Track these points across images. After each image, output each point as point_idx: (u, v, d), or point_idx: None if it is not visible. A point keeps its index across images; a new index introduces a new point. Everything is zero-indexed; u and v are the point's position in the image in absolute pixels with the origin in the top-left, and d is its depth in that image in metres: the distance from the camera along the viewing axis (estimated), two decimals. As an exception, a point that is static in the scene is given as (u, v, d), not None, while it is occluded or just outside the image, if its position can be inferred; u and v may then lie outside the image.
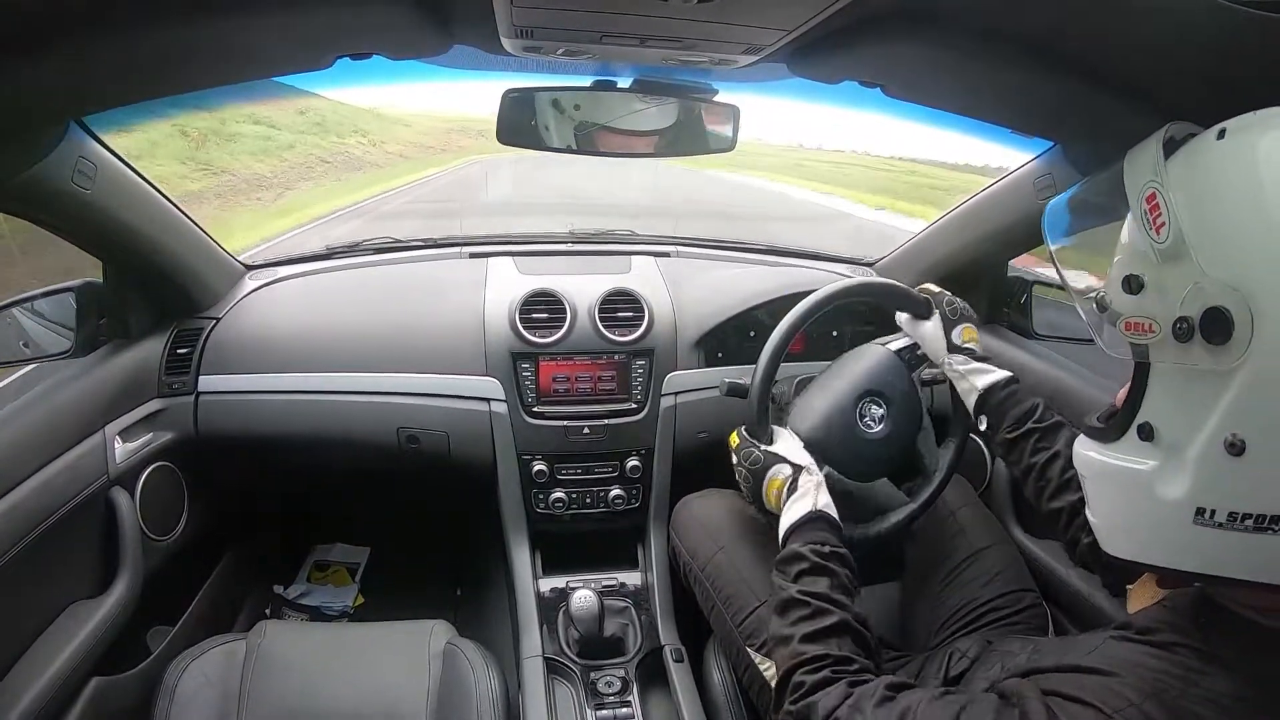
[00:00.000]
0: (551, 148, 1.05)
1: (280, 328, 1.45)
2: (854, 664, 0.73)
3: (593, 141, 1.05)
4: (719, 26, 0.74)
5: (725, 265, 1.71)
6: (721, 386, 1.22)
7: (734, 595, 1.14)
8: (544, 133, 1.04)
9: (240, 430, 1.40)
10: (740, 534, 1.21)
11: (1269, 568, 0.48)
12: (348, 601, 1.81)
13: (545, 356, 1.42)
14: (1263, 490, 0.47)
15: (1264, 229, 0.45)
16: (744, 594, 1.13)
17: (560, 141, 1.04)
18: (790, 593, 0.82)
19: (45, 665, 1.00)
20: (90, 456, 1.14)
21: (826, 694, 0.70)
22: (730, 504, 1.31)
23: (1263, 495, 0.47)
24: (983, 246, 1.43)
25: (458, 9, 0.79)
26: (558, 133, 1.04)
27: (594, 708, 1.21)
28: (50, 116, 0.90)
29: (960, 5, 0.72)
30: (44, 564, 1.03)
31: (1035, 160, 1.22)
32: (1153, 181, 0.51)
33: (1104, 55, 0.73)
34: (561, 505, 1.46)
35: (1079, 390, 1.25)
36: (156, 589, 1.26)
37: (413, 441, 1.42)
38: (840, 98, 0.98)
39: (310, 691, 1.08)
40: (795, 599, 0.81)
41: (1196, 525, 0.50)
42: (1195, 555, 0.51)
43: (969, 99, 0.95)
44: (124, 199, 1.11)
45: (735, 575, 1.16)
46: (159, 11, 0.67)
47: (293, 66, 0.89)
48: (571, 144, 1.05)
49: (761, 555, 1.16)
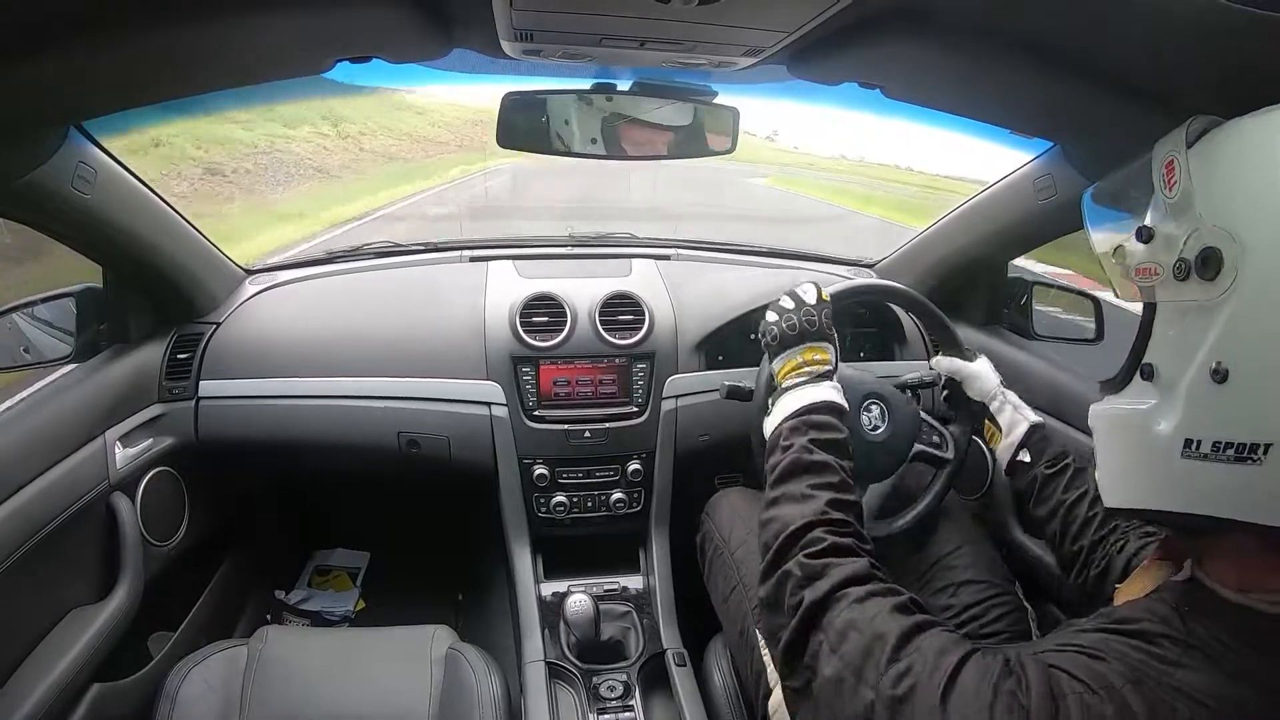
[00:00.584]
0: (568, 151, 1.06)
1: (281, 332, 1.45)
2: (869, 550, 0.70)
3: (616, 142, 1.05)
4: (719, 29, 0.74)
5: (725, 268, 1.71)
6: (722, 389, 1.23)
7: (752, 578, 1.13)
8: (558, 136, 1.04)
9: (241, 435, 1.40)
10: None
11: (1248, 502, 0.50)
12: (349, 606, 1.80)
13: (546, 360, 1.42)
14: (1244, 418, 0.50)
15: (1254, 179, 0.51)
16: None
17: (581, 144, 1.05)
18: (816, 456, 0.78)
19: (46, 671, 1.00)
20: (91, 462, 1.14)
21: (850, 562, 0.66)
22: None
23: (1244, 423, 0.50)
24: (982, 247, 1.43)
25: (457, 12, 0.79)
26: (580, 133, 1.04)
27: (596, 712, 1.21)
28: (50, 121, 0.90)
29: (959, 6, 0.72)
30: (45, 570, 1.03)
31: (1035, 161, 1.23)
32: (1173, 151, 0.56)
33: (1104, 56, 0.73)
34: (563, 509, 1.45)
35: (1079, 391, 1.25)
36: (157, 594, 1.26)
37: (413, 446, 1.42)
38: (840, 99, 0.98)
39: (312, 697, 1.08)
40: (822, 463, 0.77)
41: (1184, 459, 0.53)
42: (1183, 492, 0.54)
43: (968, 100, 0.95)
44: (124, 204, 1.11)
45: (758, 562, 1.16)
46: (159, 16, 0.67)
47: (292, 70, 0.89)
48: (592, 147, 1.05)
49: None
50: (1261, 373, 0.49)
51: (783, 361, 0.93)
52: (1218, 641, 0.51)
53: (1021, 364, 1.38)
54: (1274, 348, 0.48)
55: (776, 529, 0.74)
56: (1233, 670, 0.50)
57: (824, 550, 0.69)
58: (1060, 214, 1.21)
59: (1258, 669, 0.50)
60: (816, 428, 0.82)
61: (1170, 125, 0.75)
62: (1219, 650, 0.51)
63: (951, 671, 0.55)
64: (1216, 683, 0.50)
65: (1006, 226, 1.35)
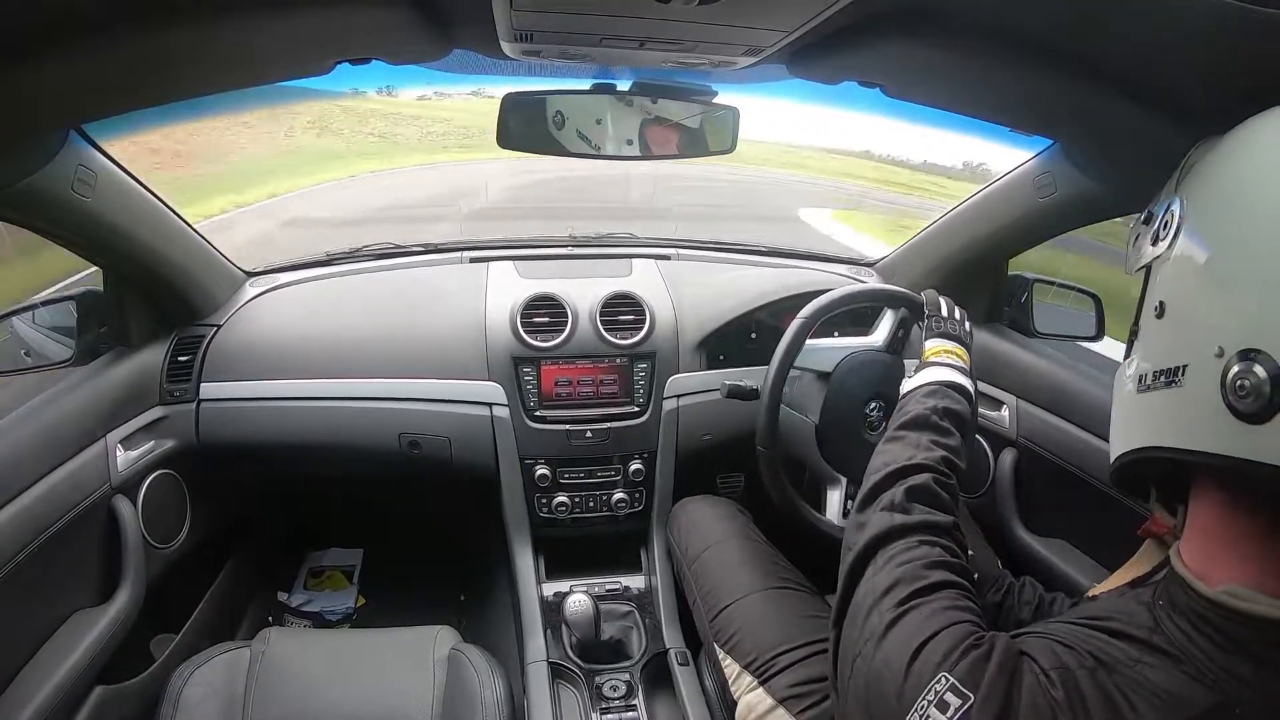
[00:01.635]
0: (568, 152, 1.06)
1: (281, 334, 1.45)
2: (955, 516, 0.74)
3: (619, 142, 1.06)
4: (719, 28, 0.74)
5: (726, 267, 1.71)
6: (723, 389, 1.23)
7: (711, 591, 1.17)
8: (555, 136, 1.04)
9: (242, 437, 1.40)
10: (729, 536, 1.24)
11: (1176, 427, 0.55)
12: (349, 603, 1.81)
13: (547, 360, 1.42)
14: (1171, 343, 0.56)
15: (1210, 157, 0.58)
16: (719, 591, 1.15)
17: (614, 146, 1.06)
18: (944, 421, 0.84)
19: (49, 674, 1.00)
20: (92, 465, 1.14)
21: (937, 515, 0.70)
22: (726, 508, 1.33)
23: (1170, 348, 0.56)
24: (983, 245, 1.43)
25: (457, 13, 0.79)
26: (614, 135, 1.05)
27: (599, 712, 1.21)
28: (50, 124, 0.90)
29: (959, 4, 0.72)
30: (47, 573, 1.03)
31: (1035, 159, 1.22)
32: (1185, 162, 0.62)
33: (1104, 53, 0.73)
34: (564, 509, 1.45)
35: (1080, 388, 1.25)
36: (159, 597, 1.26)
37: (414, 447, 1.42)
38: (840, 98, 0.98)
39: (315, 699, 1.08)
40: (946, 428, 0.83)
41: (1139, 395, 0.59)
42: (1138, 428, 0.59)
43: (968, 98, 0.95)
44: (124, 207, 1.11)
45: (716, 573, 1.18)
46: (158, 18, 0.67)
47: (292, 71, 0.89)
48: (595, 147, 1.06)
49: (744, 558, 1.19)
50: (1185, 301, 0.55)
51: (936, 345, 1.00)
52: (1185, 639, 0.51)
53: (1023, 361, 1.38)
54: (1197, 280, 0.54)
55: (886, 459, 0.79)
56: (1193, 670, 0.50)
57: (921, 493, 0.73)
58: (1060, 211, 1.21)
59: (1217, 668, 0.50)
60: (950, 399, 0.89)
61: (1170, 122, 0.75)
62: (1184, 648, 0.51)
63: (935, 631, 0.58)
64: (1175, 682, 0.50)
65: (1006, 224, 1.35)
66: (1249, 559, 0.52)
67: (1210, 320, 0.52)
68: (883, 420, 1.16)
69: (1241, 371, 0.48)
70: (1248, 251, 0.51)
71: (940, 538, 0.68)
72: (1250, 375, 0.48)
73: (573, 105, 1.04)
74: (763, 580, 1.14)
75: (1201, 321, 0.53)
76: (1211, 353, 0.51)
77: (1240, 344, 0.49)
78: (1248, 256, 0.51)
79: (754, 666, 1.04)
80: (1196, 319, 0.54)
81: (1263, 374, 0.47)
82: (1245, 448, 0.49)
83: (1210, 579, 0.52)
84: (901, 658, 0.58)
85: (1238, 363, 0.49)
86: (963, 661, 0.55)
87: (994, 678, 0.53)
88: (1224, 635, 0.50)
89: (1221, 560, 0.53)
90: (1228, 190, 0.55)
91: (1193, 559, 0.55)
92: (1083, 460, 1.20)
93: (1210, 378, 0.51)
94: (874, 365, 1.19)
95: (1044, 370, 1.34)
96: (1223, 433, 0.50)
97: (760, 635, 1.06)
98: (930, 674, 0.55)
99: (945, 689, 0.54)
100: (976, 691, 0.53)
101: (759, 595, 1.12)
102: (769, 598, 1.12)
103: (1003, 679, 0.53)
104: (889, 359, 1.21)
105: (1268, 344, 0.47)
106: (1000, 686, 0.53)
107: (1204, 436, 0.52)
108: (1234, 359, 0.49)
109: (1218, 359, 0.50)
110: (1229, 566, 0.52)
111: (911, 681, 0.56)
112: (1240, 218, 0.53)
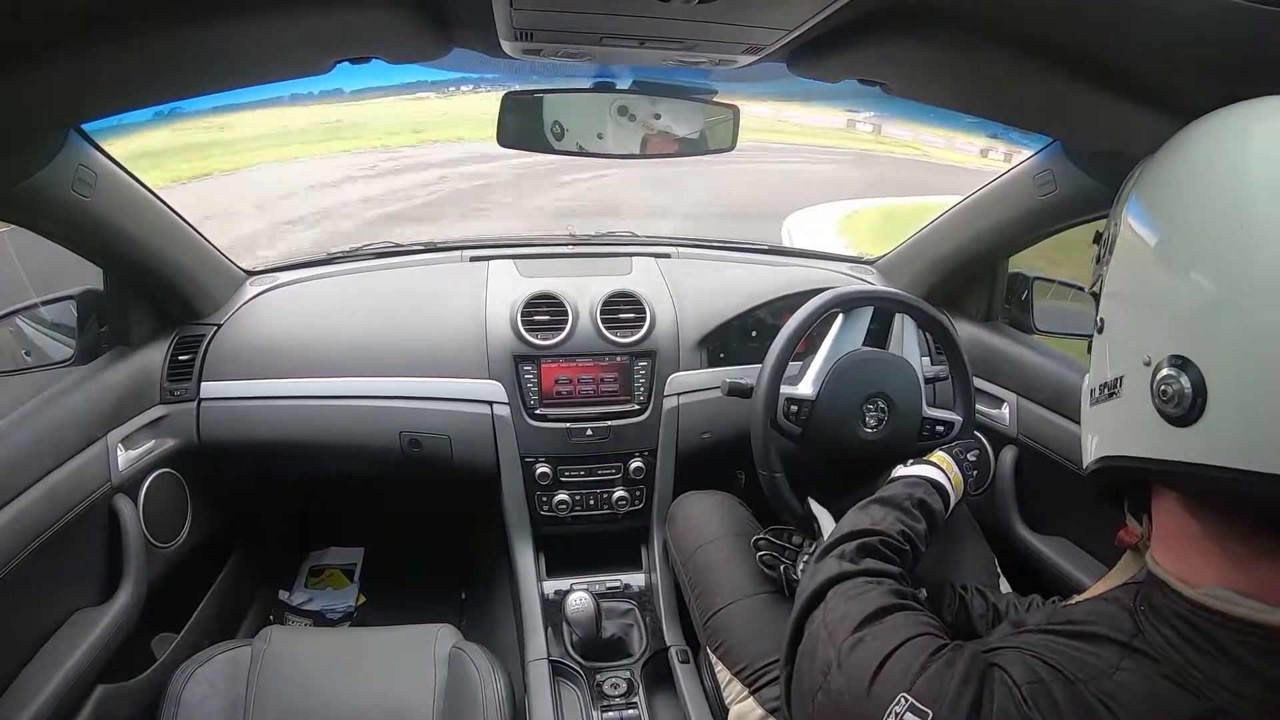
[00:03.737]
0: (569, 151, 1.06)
1: (281, 333, 1.45)
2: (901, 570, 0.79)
3: (621, 142, 1.05)
4: (720, 27, 0.74)
5: (726, 265, 1.71)
6: (723, 387, 1.23)
7: (704, 593, 1.17)
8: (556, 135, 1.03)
9: (242, 436, 1.40)
10: (723, 534, 1.23)
11: (1120, 435, 0.57)
12: (350, 602, 1.81)
13: (547, 359, 1.42)
14: (1109, 357, 0.58)
15: (1143, 185, 0.59)
16: (711, 594, 1.15)
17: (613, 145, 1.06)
18: (915, 510, 0.90)
19: (51, 673, 1.00)
20: (93, 464, 1.14)
21: (883, 565, 0.76)
22: (721, 503, 1.32)
23: (1112, 363, 0.58)
24: (983, 243, 1.43)
25: (457, 12, 0.79)
26: (587, 132, 1.04)
27: (600, 710, 1.21)
28: (50, 124, 0.90)
29: (960, 2, 0.72)
30: (48, 572, 1.03)
31: (1035, 156, 1.22)
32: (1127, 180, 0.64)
33: (1104, 51, 0.73)
34: (565, 507, 1.46)
35: (1080, 386, 1.25)
36: (161, 596, 1.26)
37: (415, 445, 1.42)
38: (840, 98, 0.98)
39: (316, 697, 1.08)
40: (915, 515, 0.89)
41: (1091, 408, 0.62)
42: (1094, 441, 0.62)
43: (969, 96, 0.94)
44: (124, 206, 1.11)
45: (709, 574, 1.18)
46: (158, 18, 0.67)
47: (292, 71, 0.89)
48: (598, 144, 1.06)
49: (737, 557, 1.18)
50: (1118, 315, 0.58)
51: (942, 456, 1.05)
52: (1165, 641, 0.51)
53: (1023, 359, 1.38)
54: (1127, 293, 0.57)
55: (849, 524, 0.87)
56: (1172, 672, 0.50)
57: (872, 549, 0.79)
58: (1060, 209, 1.21)
59: (1200, 673, 0.49)
60: (928, 494, 0.95)
61: (1170, 120, 0.75)
62: (1164, 651, 0.51)
63: (894, 646, 0.60)
64: (1154, 685, 0.50)
65: (1006, 222, 1.35)
66: (1210, 558, 0.52)
67: (1138, 329, 0.55)
68: (886, 419, 1.15)
69: (1166, 378, 0.51)
70: (1166, 263, 0.53)
71: (887, 579, 0.73)
72: (1173, 381, 0.50)
73: (573, 113, 1.03)
74: (752, 584, 1.14)
75: (1132, 332, 0.56)
76: (1141, 361, 0.53)
77: (1164, 351, 0.51)
78: (1167, 268, 0.53)
79: (744, 675, 1.04)
80: (1128, 330, 0.57)
81: (1185, 379, 0.49)
82: (1178, 450, 0.51)
83: (1192, 581, 0.52)
84: (862, 681, 0.59)
85: (1163, 369, 0.51)
86: (922, 676, 0.56)
87: (958, 689, 0.54)
88: (1204, 637, 0.50)
89: (1194, 563, 0.53)
90: (1155, 206, 0.57)
91: (1167, 561, 0.55)
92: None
93: (1142, 386, 0.53)
94: (867, 363, 1.17)
95: (1044, 368, 1.34)
96: (1156, 438, 0.52)
97: (751, 644, 1.06)
98: (889, 697, 0.56)
99: (905, 710, 0.55)
100: (939, 704, 0.54)
101: (749, 601, 1.12)
102: (759, 603, 1.11)
103: (969, 690, 0.53)
104: (879, 352, 1.20)
105: (1187, 349, 0.50)
106: (967, 697, 0.53)
107: (1142, 443, 0.54)
108: (1159, 366, 0.51)
109: (1146, 367, 0.53)
110: (1203, 570, 0.52)
111: (873, 704, 0.57)
112: (1160, 232, 0.55)
